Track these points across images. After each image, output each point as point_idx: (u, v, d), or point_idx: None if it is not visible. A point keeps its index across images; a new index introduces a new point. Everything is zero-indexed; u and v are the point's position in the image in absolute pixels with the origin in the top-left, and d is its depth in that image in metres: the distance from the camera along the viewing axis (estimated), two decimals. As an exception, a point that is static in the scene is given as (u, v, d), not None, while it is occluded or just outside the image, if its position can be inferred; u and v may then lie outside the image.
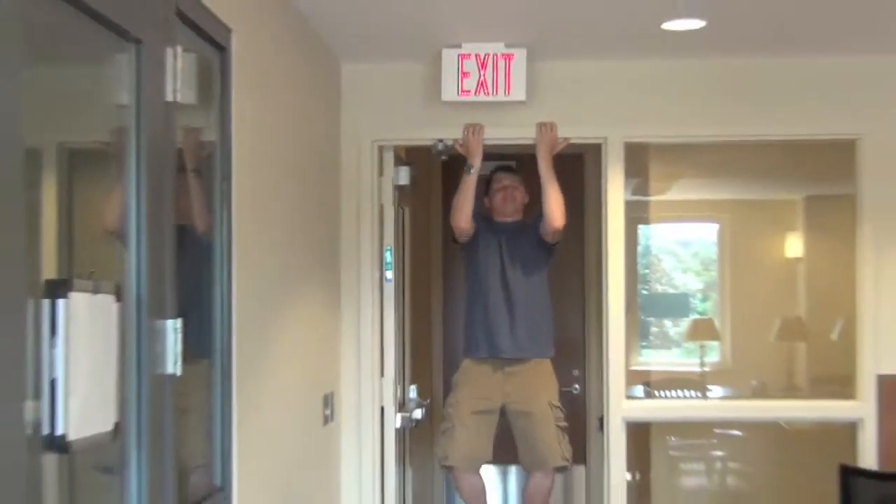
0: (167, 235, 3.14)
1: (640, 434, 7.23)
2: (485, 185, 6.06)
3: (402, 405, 6.33)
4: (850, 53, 5.72)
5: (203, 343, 3.67)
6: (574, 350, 8.41)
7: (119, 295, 2.83)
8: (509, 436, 5.98)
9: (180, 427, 3.30)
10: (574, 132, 5.85)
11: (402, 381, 6.42)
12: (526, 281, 5.93)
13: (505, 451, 6.05)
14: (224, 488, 3.77)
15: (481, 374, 5.94)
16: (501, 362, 5.91)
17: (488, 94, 5.52)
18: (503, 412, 5.93)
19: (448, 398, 6.15)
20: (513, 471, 7.86)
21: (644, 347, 8.56)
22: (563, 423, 5.86)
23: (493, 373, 5.91)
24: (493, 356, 5.92)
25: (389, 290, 6.11)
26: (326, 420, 5.54)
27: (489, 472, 6.24)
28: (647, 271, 8.71)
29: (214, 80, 3.77)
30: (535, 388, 5.87)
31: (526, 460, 5.99)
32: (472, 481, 5.95)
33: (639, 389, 7.40)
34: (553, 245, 5.97)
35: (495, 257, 5.95)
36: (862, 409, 5.79)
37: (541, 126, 5.80)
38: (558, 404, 5.90)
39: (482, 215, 6.03)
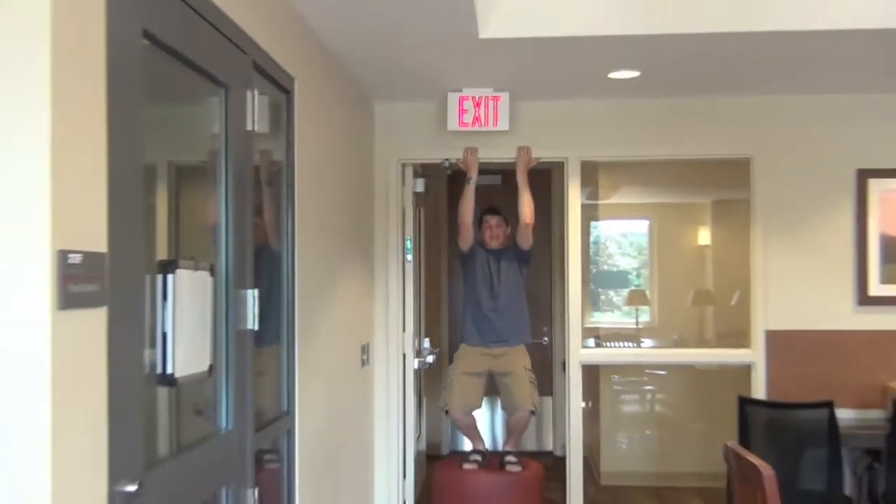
0: (247, 229, 3.15)
1: (592, 373, 7.23)
2: (478, 220, 5.99)
3: (418, 352, 6.34)
4: (746, 94, 5.71)
5: (274, 333, 3.68)
6: (544, 312, 8.45)
7: (213, 271, 2.84)
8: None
9: (258, 382, 3.31)
10: (543, 153, 5.82)
11: (418, 335, 6.44)
12: (507, 289, 5.89)
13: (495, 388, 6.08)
14: (289, 412, 3.79)
15: (474, 353, 5.90)
16: (489, 347, 5.90)
17: (481, 125, 5.50)
18: (491, 375, 5.94)
19: (450, 366, 6.16)
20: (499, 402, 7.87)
21: (595, 311, 8.55)
22: (534, 381, 5.87)
23: (482, 353, 5.88)
24: (483, 344, 5.93)
25: (409, 268, 6.11)
26: (363, 363, 5.55)
27: (479, 414, 6.23)
28: (597, 256, 8.70)
29: (282, 115, 3.77)
30: (515, 360, 5.86)
31: (507, 405, 5.99)
32: (466, 420, 5.96)
33: (591, 341, 7.39)
34: (528, 253, 5.92)
35: (486, 272, 5.91)
36: (754, 355, 5.78)
37: (519, 149, 5.77)
38: (530, 368, 5.88)
39: (478, 241, 5.99)
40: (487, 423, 8.22)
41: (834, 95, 5.71)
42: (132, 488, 2.13)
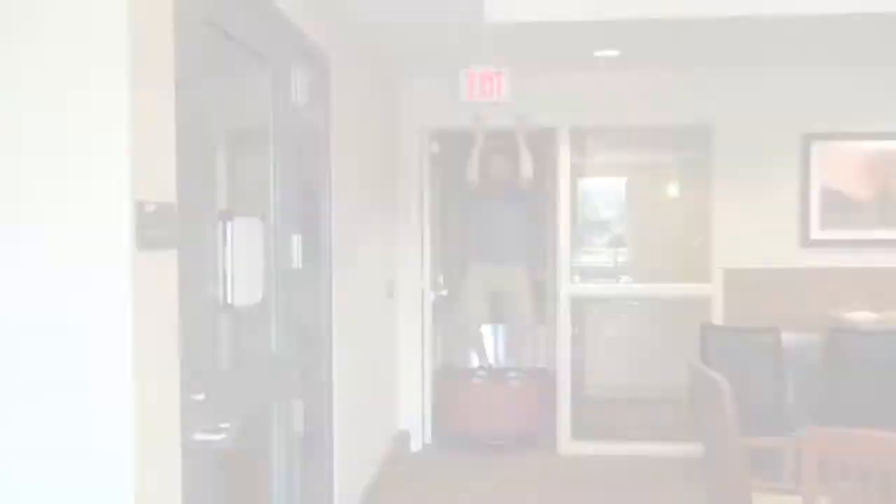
0: (292, 184, 3.15)
1: (578, 304, 7.24)
2: (487, 158, 5.98)
3: (433, 287, 6.36)
4: (708, 67, 5.62)
5: (316, 272, 3.65)
6: (539, 253, 8.41)
7: (264, 219, 2.84)
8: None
9: (303, 312, 3.31)
10: (539, 120, 5.79)
11: (434, 272, 6.44)
12: (509, 224, 5.96)
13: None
14: (329, 336, 3.82)
15: (482, 273, 5.98)
16: (496, 268, 5.95)
17: (488, 96, 5.46)
18: (496, 294, 6.00)
19: (462, 284, 6.19)
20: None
21: (581, 252, 8.51)
22: (531, 300, 5.94)
23: (490, 273, 5.95)
24: (491, 267, 5.96)
25: (427, 216, 6.10)
26: (389, 296, 5.57)
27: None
28: (583, 207, 8.63)
29: (320, 89, 3.74)
30: (515, 280, 5.93)
31: (509, 319, 6.10)
32: (475, 331, 6.03)
33: (577, 278, 7.38)
34: (525, 192, 5.91)
35: (492, 211, 5.97)
36: (713, 289, 5.80)
37: (519, 116, 5.73)
38: (528, 288, 5.95)
39: (485, 186, 5.97)
40: (491, 343, 8.23)
41: (782, 68, 5.61)
42: (200, 397, 2.17)
